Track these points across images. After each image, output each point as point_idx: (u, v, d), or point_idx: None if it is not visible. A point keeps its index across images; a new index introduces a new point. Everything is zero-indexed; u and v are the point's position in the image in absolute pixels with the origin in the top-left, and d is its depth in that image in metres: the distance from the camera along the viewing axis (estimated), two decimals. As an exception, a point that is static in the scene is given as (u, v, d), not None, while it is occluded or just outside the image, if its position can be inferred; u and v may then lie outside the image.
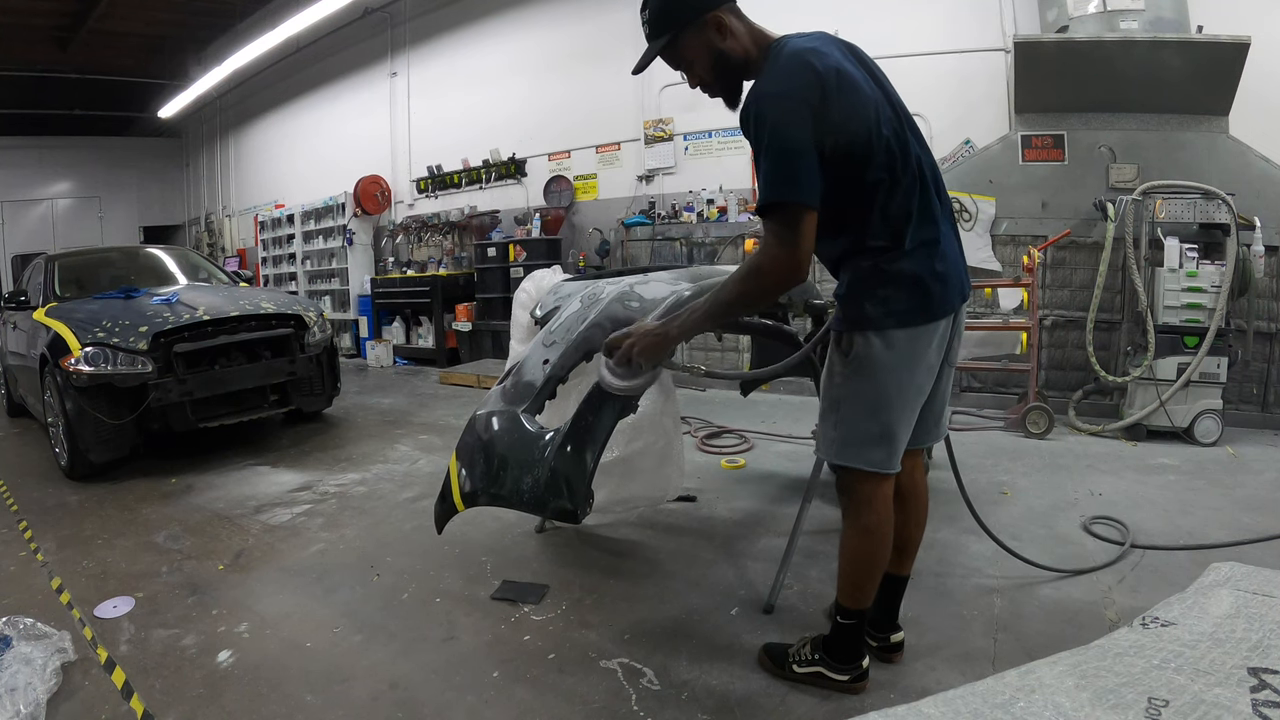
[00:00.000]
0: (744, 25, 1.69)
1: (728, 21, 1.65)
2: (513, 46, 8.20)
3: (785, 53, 1.59)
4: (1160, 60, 4.42)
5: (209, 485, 3.89)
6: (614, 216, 7.14)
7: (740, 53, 1.66)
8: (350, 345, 9.58)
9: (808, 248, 1.55)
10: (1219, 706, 1.52)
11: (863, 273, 1.65)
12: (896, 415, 1.70)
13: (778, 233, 1.55)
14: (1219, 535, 2.79)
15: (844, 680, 1.85)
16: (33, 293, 5.14)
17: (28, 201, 13.55)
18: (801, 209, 1.52)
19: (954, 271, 1.69)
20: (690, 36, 1.66)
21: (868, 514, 1.76)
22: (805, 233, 1.54)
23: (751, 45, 1.67)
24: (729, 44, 1.66)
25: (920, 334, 1.65)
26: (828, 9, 5.45)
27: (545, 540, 2.97)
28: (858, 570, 1.80)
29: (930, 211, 1.67)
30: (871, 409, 1.69)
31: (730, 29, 1.65)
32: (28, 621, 2.17)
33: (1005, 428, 4.53)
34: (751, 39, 1.68)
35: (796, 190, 1.52)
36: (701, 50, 1.67)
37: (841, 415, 1.73)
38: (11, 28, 10.06)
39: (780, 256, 1.56)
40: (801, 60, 1.56)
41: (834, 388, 1.74)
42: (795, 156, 1.51)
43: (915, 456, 1.95)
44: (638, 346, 1.76)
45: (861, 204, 1.61)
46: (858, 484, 1.76)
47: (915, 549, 2.02)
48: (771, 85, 1.56)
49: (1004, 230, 5.12)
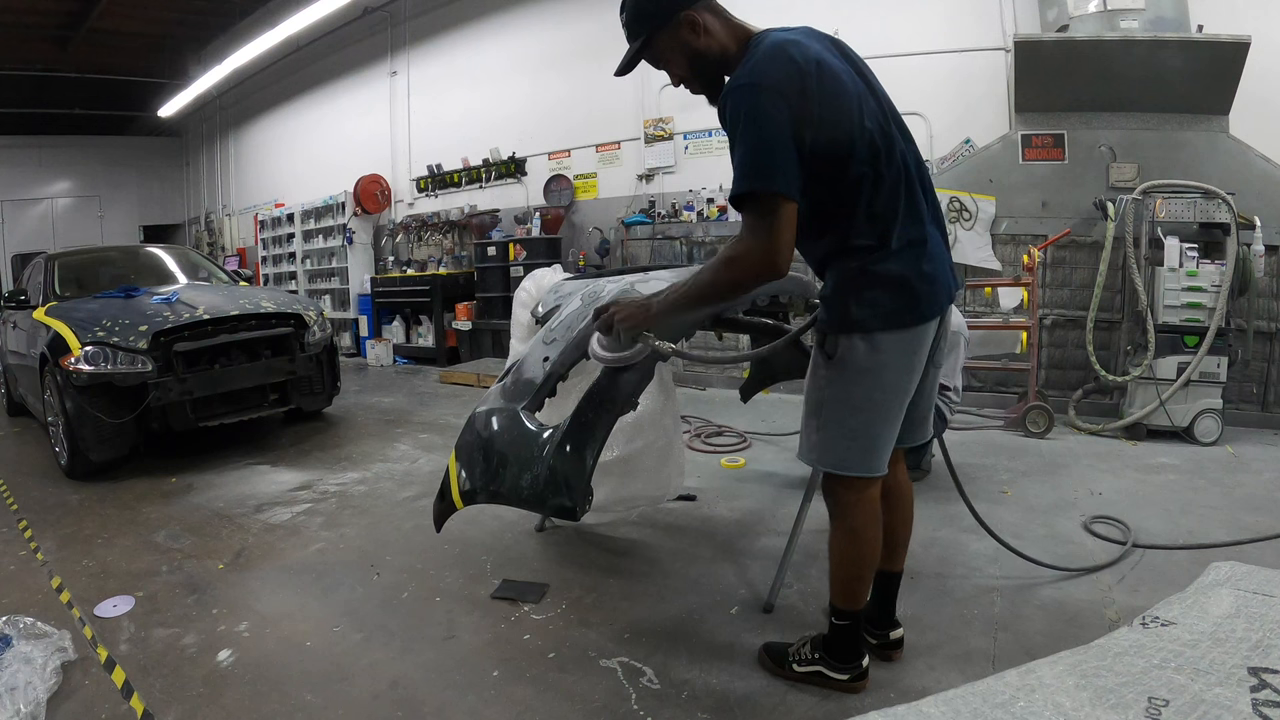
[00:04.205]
0: (720, 21, 1.67)
1: (701, 19, 1.64)
2: (513, 45, 8.20)
3: (764, 45, 1.57)
4: (1160, 60, 4.42)
5: (209, 484, 3.89)
6: (614, 215, 7.14)
7: (717, 49, 1.66)
8: (350, 344, 9.58)
9: (785, 240, 1.51)
10: (1219, 706, 1.52)
11: (849, 274, 1.62)
12: (881, 419, 1.69)
13: (752, 225, 1.52)
14: (1219, 535, 2.79)
15: (844, 679, 1.85)
16: (33, 292, 5.14)
17: (28, 201, 13.55)
18: (777, 199, 1.49)
19: (941, 272, 1.67)
20: (665, 36, 1.66)
21: (852, 517, 1.76)
22: (782, 225, 1.50)
23: (730, 41, 1.66)
24: (704, 42, 1.65)
25: (907, 337, 1.63)
26: (827, 8, 5.46)
27: (545, 539, 2.97)
28: (847, 572, 1.81)
29: (917, 210, 1.64)
30: (855, 412, 1.67)
31: (705, 26, 1.64)
32: (28, 620, 2.16)
33: (1005, 427, 4.52)
34: (730, 34, 1.66)
35: (771, 179, 1.48)
36: (676, 49, 1.67)
37: (824, 419, 1.71)
38: (11, 27, 10.06)
39: (754, 248, 1.52)
40: (780, 51, 1.54)
41: (816, 390, 1.72)
42: (771, 146, 1.48)
43: (898, 456, 1.94)
44: (619, 315, 1.77)
45: (845, 201, 1.58)
46: (842, 488, 1.75)
47: (905, 545, 2.03)
48: (748, 76, 1.53)
49: (1004, 229, 5.12)
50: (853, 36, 1.75)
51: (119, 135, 14.38)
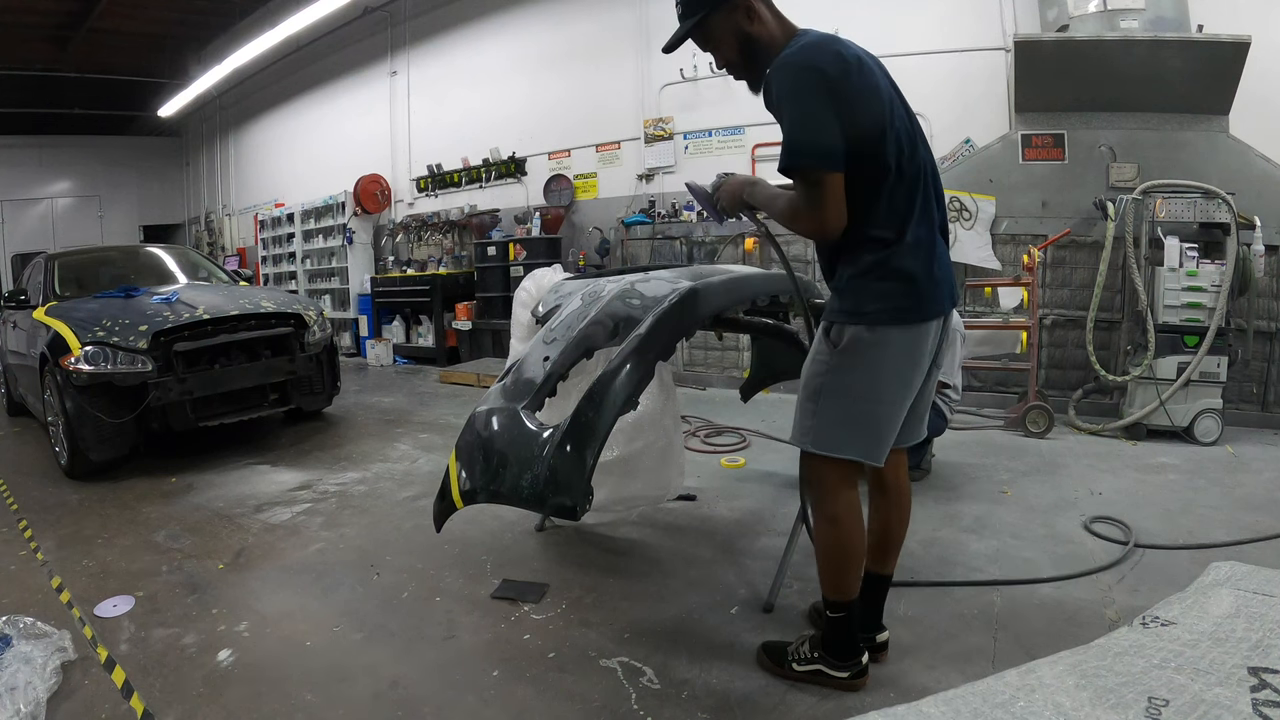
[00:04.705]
0: (772, 13, 1.74)
1: (758, 8, 1.71)
2: (513, 45, 8.20)
3: (810, 35, 1.68)
4: (1160, 59, 4.42)
5: (209, 484, 3.89)
6: (614, 215, 7.14)
7: (767, 38, 1.71)
8: (350, 344, 9.58)
9: (833, 209, 1.59)
10: (1219, 706, 1.52)
11: (864, 266, 1.67)
12: (885, 410, 1.73)
13: (804, 195, 1.62)
14: (1219, 534, 2.79)
15: (844, 677, 1.85)
16: (33, 292, 5.13)
17: (28, 200, 13.54)
18: (822, 172, 1.57)
19: (946, 276, 1.76)
20: (721, 18, 1.72)
21: (832, 503, 1.78)
22: (829, 196, 1.58)
23: (779, 31, 1.72)
24: (756, 28, 1.71)
25: (911, 333, 1.69)
26: (828, 8, 5.45)
27: (545, 539, 2.97)
28: (832, 561, 1.82)
29: (929, 213, 1.72)
30: (856, 401, 1.71)
31: (759, 15, 1.71)
32: (28, 620, 2.16)
33: (1005, 427, 4.52)
34: (779, 26, 1.74)
35: (816, 154, 1.56)
36: (730, 33, 1.73)
37: (821, 405, 1.75)
38: (11, 27, 10.05)
39: (804, 215, 1.63)
40: (826, 41, 1.65)
41: (816, 376, 1.76)
42: (818, 121, 1.56)
43: (899, 454, 1.95)
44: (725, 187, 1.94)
45: (870, 189, 1.63)
46: (825, 473, 1.77)
47: (898, 547, 2.02)
48: (796, 56, 1.61)
49: (1004, 229, 5.12)
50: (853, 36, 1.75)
51: (119, 135, 14.38)
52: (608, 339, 2.09)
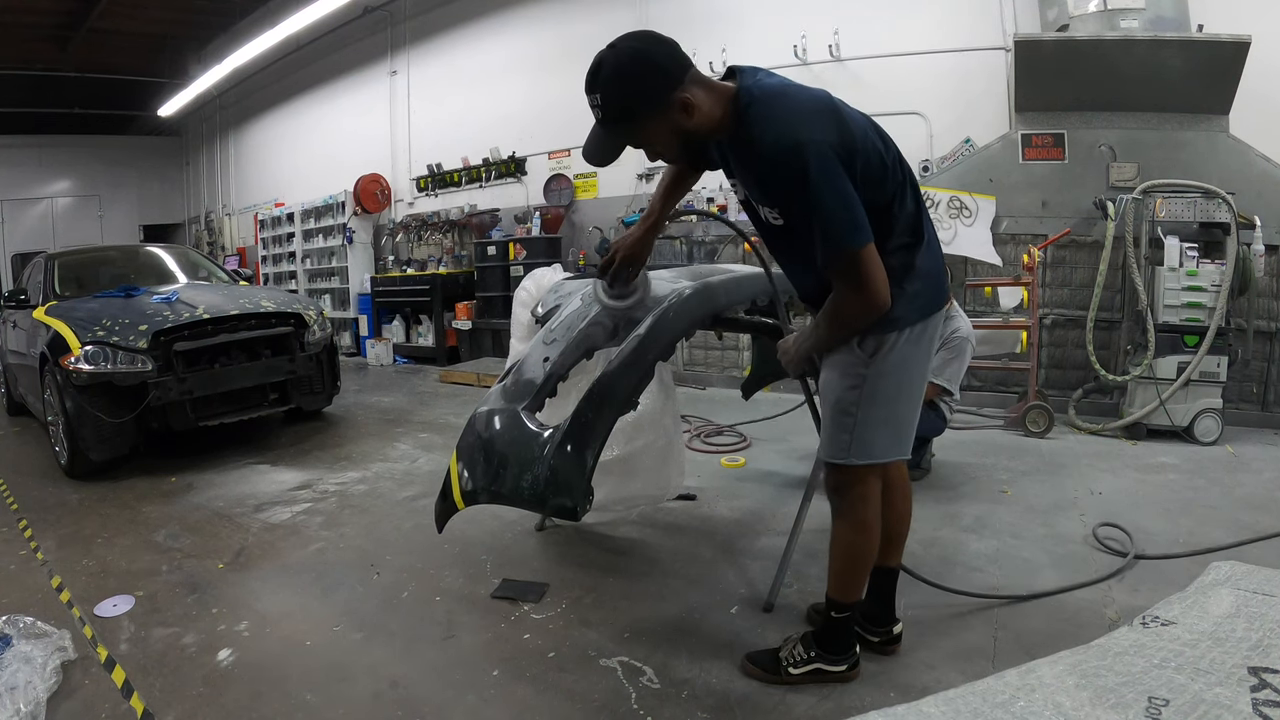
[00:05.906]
0: (705, 90, 1.55)
1: (694, 98, 1.52)
2: (512, 45, 8.19)
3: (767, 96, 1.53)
4: (1160, 59, 4.42)
5: (209, 484, 3.89)
6: (614, 215, 7.13)
7: (708, 123, 1.57)
8: (350, 344, 9.57)
9: (880, 278, 1.54)
10: (1219, 706, 1.52)
11: (893, 272, 1.61)
12: (913, 405, 1.79)
13: (848, 278, 1.55)
14: (1219, 534, 2.78)
15: (841, 670, 1.88)
16: (32, 291, 5.13)
17: (27, 200, 13.52)
18: (866, 251, 1.52)
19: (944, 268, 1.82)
20: (655, 123, 1.56)
21: (863, 509, 1.80)
22: (872, 267, 1.53)
23: (717, 107, 1.56)
24: (696, 121, 1.54)
25: (933, 322, 1.74)
26: (828, 8, 5.44)
27: (545, 539, 2.97)
28: (852, 566, 1.83)
29: (921, 204, 1.74)
30: (888, 402, 1.73)
31: (696, 105, 1.53)
32: (28, 620, 2.16)
33: (1005, 426, 4.52)
34: (716, 101, 1.56)
35: (858, 234, 1.50)
36: (666, 132, 1.57)
37: (861, 415, 1.73)
38: (11, 27, 10.04)
39: (856, 301, 1.57)
40: (812, 98, 1.55)
41: (851, 390, 1.72)
42: (848, 200, 1.49)
43: None
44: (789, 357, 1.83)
45: (883, 213, 1.62)
46: (859, 480, 1.78)
47: (904, 540, 2.05)
48: (794, 134, 1.48)
49: (1004, 229, 5.11)
50: (853, 36, 1.76)
51: (119, 135, 14.35)
52: (608, 339, 2.09)
